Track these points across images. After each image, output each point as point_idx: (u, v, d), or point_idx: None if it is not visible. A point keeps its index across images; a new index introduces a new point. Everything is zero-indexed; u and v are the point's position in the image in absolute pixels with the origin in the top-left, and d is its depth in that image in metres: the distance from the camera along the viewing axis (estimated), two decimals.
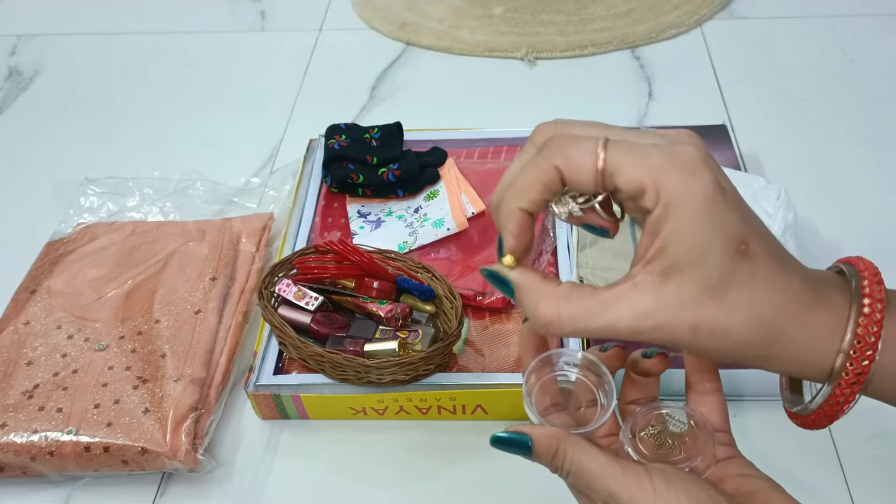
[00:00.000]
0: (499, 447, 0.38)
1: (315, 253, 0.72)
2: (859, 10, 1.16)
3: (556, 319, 0.34)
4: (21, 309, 0.75)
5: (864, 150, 0.92)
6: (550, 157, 0.33)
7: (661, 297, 0.32)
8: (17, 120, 1.09)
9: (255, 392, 0.67)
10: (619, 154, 0.32)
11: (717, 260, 0.32)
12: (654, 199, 0.32)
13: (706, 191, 0.31)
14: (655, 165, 0.32)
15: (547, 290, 0.35)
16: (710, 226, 0.31)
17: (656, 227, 0.32)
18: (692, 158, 0.32)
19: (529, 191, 0.34)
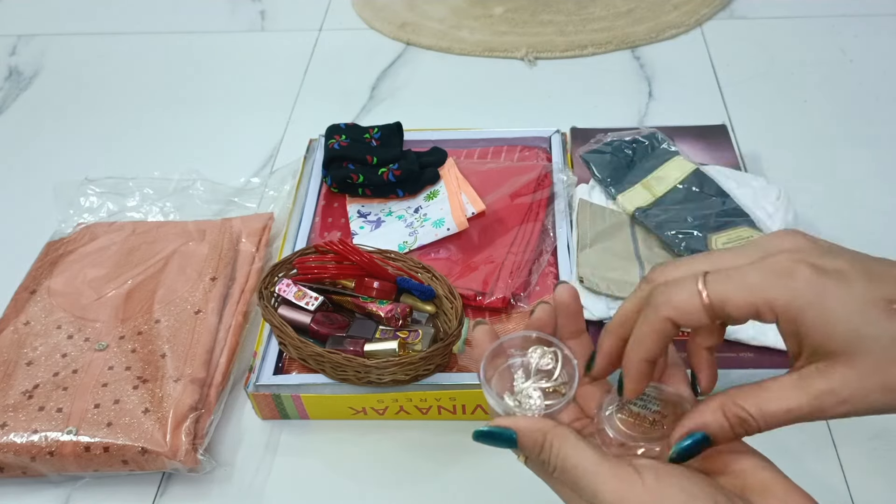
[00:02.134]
0: (483, 441, 0.38)
1: (315, 253, 0.72)
2: (859, 10, 1.16)
3: (747, 416, 0.35)
4: (21, 309, 0.75)
5: (864, 150, 0.92)
6: (659, 309, 0.36)
7: (834, 379, 0.33)
8: (17, 120, 1.09)
9: (255, 392, 0.67)
10: (719, 286, 0.34)
11: (873, 333, 0.32)
12: (773, 315, 0.33)
13: (815, 284, 0.33)
14: (756, 285, 0.33)
15: (720, 395, 0.36)
16: (840, 312, 0.32)
17: (790, 334, 0.34)
18: (784, 263, 0.33)
19: (648, 343, 0.36)
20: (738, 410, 0.35)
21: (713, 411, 0.36)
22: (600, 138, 0.86)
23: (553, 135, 0.89)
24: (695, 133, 0.89)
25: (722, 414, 0.35)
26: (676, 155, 0.82)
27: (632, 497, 0.34)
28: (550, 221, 0.79)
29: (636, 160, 0.83)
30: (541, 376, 0.41)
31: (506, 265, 0.75)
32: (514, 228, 0.79)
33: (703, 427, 0.36)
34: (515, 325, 0.72)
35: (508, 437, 0.38)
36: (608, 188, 0.80)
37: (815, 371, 0.33)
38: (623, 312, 0.38)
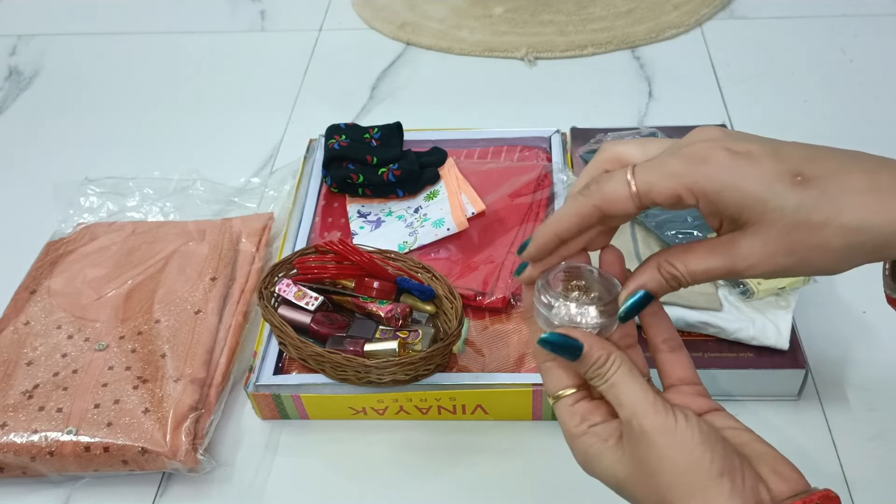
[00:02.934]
0: (547, 347, 0.41)
1: (315, 253, 0.72)
2: (859, 10, 1.16)
3: (680, 275, 0.39)
4: (21, 309, 0.75)
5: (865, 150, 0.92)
6: (590, 197, 0.39)
7: (746, 244, 0.37)
8: (17, 120, 1.09)
9: (255, 392, 0.67)
10: (645, 176, 0.37)
11: (778, 202, 0.35)
12: (693, 198, 0.37)
13: (728, 164, 0.36)
14: (677, 173, 0.37)
15: (654, 261, 0.40)
16: (749, 186, 0.35)
17: (709, 210, 0.37)
18: (701, 151, 0.37)
19: (566, 221, 0.40)
20: (670, 268, 0.39)
21: (650, 270, 0.40)
22: (600, 138, 0.86)
23: (553, 135, 0.89)
24: None
25: (657, 272, 0.40)
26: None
27: (664, 428, 0.38)
28: None
29: None
30: (592, 297, 0.42)
31: (506, 265, 0.75)
32: (514, 228, 0.79)
33: (643, 286, 0.40)
34: (515, 324, 0.72)
35: (575, 347, 0.40)
36: None
37: (730, 238, 0.37)
38: (562, 211, 0.40)
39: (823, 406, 0.67)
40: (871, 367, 0.70)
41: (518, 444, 0.66)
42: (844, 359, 0.70)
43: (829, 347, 0.71)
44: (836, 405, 0.67)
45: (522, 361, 0.69)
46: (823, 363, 0.70)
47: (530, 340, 0.42)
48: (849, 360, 0.70)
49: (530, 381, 0.65)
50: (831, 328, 0.73)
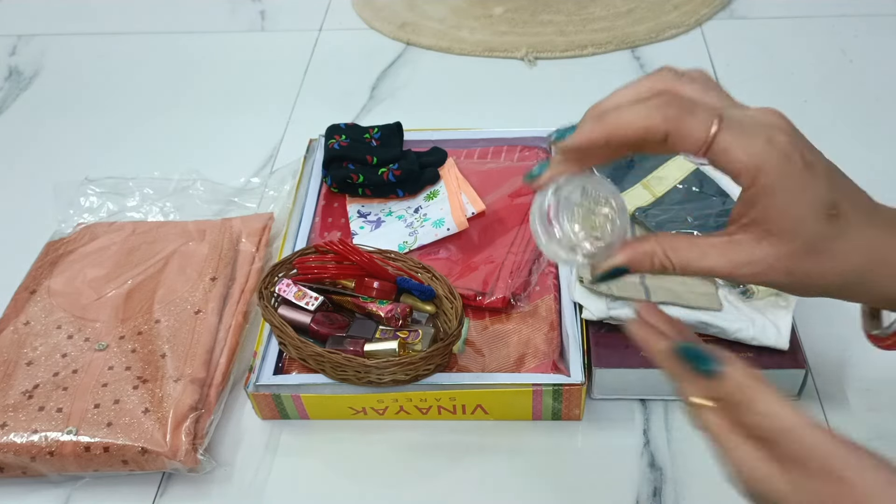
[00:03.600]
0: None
1: (315, 253, 0.72)
2: (859, 10, 1.16)
3: (668, 265, 0.39)
4: (21, 309, 0.75)
5: (865, 151, 0.92)
6: (667, 112, 0.37)
7: (756, 251, 0.38)
8: (17, 120, 1.09)
9: (255, 392, 0.67)
10: (728, 136, 0.36)
11: (808, 226, 0.37)
12: (752, 180, 0.36)
13: (797, 172, 0.37)
14: (757, 153, 0.36)
15: (651, 247, 0.40)
16: (800, 201, 0.37)
17: (753, 200, 0.37)
18: (786, 146, 0.37)
19: (630, 128, 0.37)
20: (664, 260, 0.39)
21: (643, 254, 0.40)
22: None
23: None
24: None
25: (650, 259, 0.40)
26: (676, 155, 0.82)
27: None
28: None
29: (636, 160, 0.83)
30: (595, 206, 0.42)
31: (506, 265, 0.75)
32: (514, 228, 0.79)
33: (628, 263, 0.40)
34: (515, 324, 0.72)
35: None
36: None
37: (745, 240, 0.38)
38: (628, 115, 0.38)
39: (823, 406, 0.67)
40: (871, 367, 0.70)
41: (518, 444, 0.66)
42: (844, 359, 0.70)
43: (829, 347, 0.71)
44: (836, 405, 0.67)
45: (522, 361, 0.69)
46: (823, 363, 0.70)
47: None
48: (849, 360, 0.70)
49: (530, 381, 0.65)
50: (831, 328, 0.73)
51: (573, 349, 0.67)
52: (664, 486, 0.63)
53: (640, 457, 0.65)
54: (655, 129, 0.37)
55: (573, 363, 0.66)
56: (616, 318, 0.69)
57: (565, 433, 0.67)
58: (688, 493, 0.62)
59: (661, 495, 0.62)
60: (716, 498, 0.62)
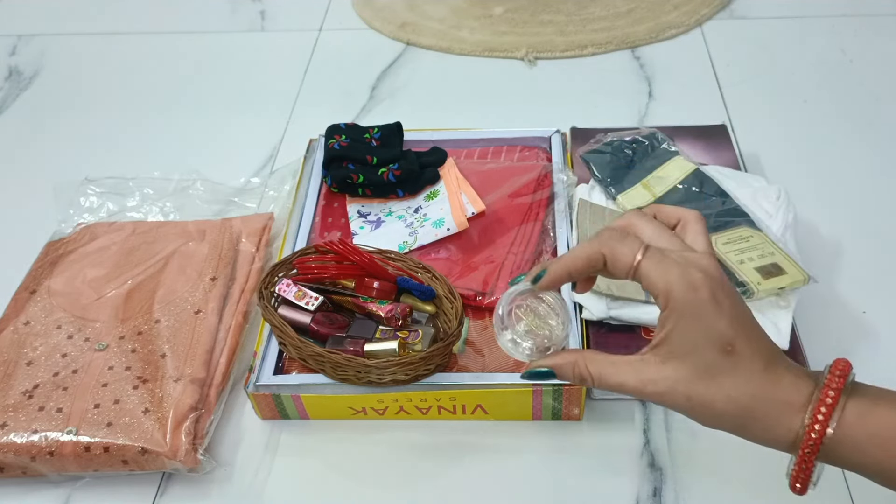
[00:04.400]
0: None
1: (315, 253, 0.72)
2: (859, 10, 1.16)
3: (587, 375, 0.47)
4: (21, 309, 0.75)
5: (865, 150, 0.92)
6: (602, 244, 0.46)
7: (661, 371, 0.44)
8: (17, 120, 1.09)
9: (255, 392, 0.67)
10: (649, 264, 0.44)
11: (704, 355, 0.43)
12: (665, 304, 0.43)
13: (701, 303, 0.43)
14: (672, 281, 0.43)
15: (574, 357, 0.48)
16: (704, 329, 0.43)
17: (664, 323, 0.44)
18: (699, 281, 0.43)
19: (579, 261, 0.47)
20: (584, 371, 0.47)
21: (567, 362, 0.48)
22: (600, 138, 0.86)
23: (553, 135, 0.89)
24: (695, 133, 0.89)
25: (571, 368, 0.48)
26: (676, 155, 0.82)
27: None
28: (550, 221, 0.79)
29: (636, 160, 0.83)
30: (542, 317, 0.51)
31: (506, 265, 0.75)
32: (514, 228, 0.79)
33: (553, 367, 0.49)
34: None
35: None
36: (608, 188, 0.80)
37: (653, 361, 0.45)
38: (576, 251, 0.47)
39: None
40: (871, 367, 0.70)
41: (518, 444, 0.66)
42: None
43: (829, 347, 0.71)
44: None
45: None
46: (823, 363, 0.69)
47: None
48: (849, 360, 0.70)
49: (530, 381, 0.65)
50: (831, 328, 0.73)
51: None
52: (664, 486, 0.63)
53: (640, 457, 0.65)
54: (596, 257, 0.46)
55: None
56: (616, 318, 0.69)
57: (565, 433, 0.67)
58: (688, 493, 0.62)
59: (661, 495, 0.62)
60: (716, 498, 0.62)
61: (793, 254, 0.70)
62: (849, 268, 0.78)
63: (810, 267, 0.70)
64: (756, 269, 0.68)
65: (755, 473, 0.61)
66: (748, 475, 0.62)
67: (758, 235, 0.72)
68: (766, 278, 0.67)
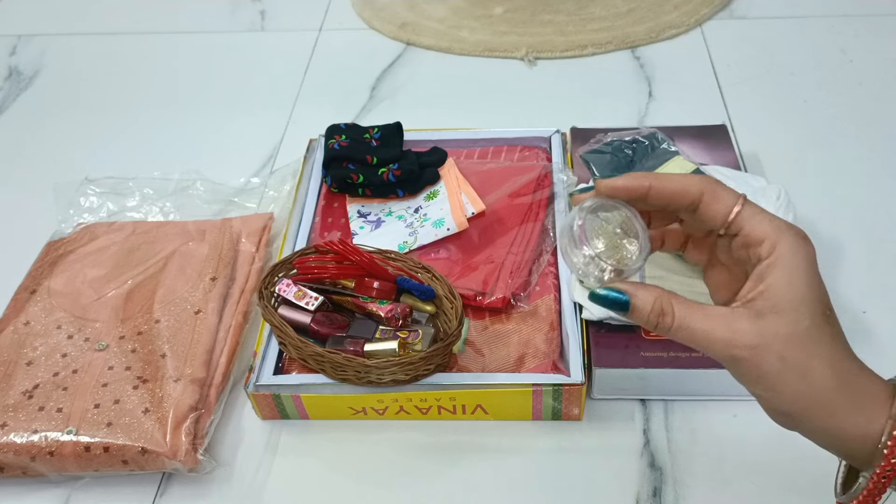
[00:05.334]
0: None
1: (315, 253, 0.72)
2: (859, 10, 1.16)
3: (669, 312, 0.41)
4: (21, 309, 0.75)
5: (865, 150, 0.92)
6: (704, 181, 0.42)
7: (758, 325, 0.40)
8: (17, 120, 1.09)
9: (255, 392, 0.67)
10: (755, 209, 0.41)
11: (809, 312, 0.39)
12: (769, 250, 0.40)
13: (811, 258, 0.40)
14: (778, 226, 0.41)
15: (658, 291, 0.42)
16: (809, 285, 0.40)
17: (763, 274, 0.40)
18: (804, 234, 0.41)
19: (669, 185, 0.42)
20: (666, 307, 0.41)
21: (648, 293, 0.42)
22: (600, 138, 0.86)
23: (553, 135, 0.89)
24: (695, 133, 0.89)
25: (652, 300, 0.42)
26: (676, 155, 0.82)
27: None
28: (550, 221, 0.79)
29: (636, 160, 0.83)
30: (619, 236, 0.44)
31: (506, 265, 0.75)
32: (514, 228, 0.79)
33: (632, 295, 0.42)
34: (515, 324, 0.72)
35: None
36: None
37: (748, 314, 0.40)
38: (673, 176, 0.43)
39: None
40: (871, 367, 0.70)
41: (518, 444, 0.66)
42: None
43: None
44: None
45: (522, 361, 0.69)
46: None
47: None
48: None
49: (530, 381, 0.65)
50: None
51: (573, 349, 0.67)
52: (664, 486, 0.63)
53: (640, 457, 0.65)
54: (694, 189, 0.42)
55: (573, 363, 0.66)
56: (616, 318, 0.69)
57: (565, 433, 0.67)
58: (688, 493, 0.62)
59: (661, 495, 0.62)
60: (716, 498, 0.62)
61: None
62: (849, 268, 0.78)
63: None
64: None
65: (755, 473, 0.61)
66: (748, 475, 0.62)
67: None
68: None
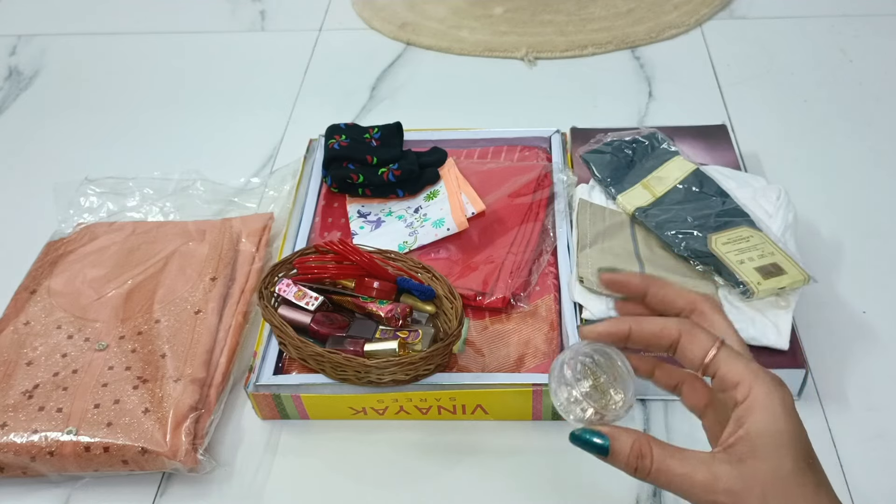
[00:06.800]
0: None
1: (315, 253, 0.72)
2: (859, 10, 1.16)
3: (648, 455, 0.42)
4: (21, 309, 0.75)
5: (864, 150, 0.92)
6: (682, 324, 0.43)
7: (739, 469, 0.40)
8: (17, 120, 1.09)
9: (255, 392, 0.67)
10: (727, 353, 0.42)
11: (791, 456, 0.40)
12: (745, 393, 0.41)
13: (788, 402, 0.41)
14: (753, 370, 0.41)
15: (636, 434, 0.43)
16: (788, 429, 0.40)
17: (742, 418, 0.41)
18: (779, 379, 0.42)
19: (649, 323, 0.44)
20: (645, 450, 0.42)
21: (627, 436, 0.42)
22: (600, 138, 0.86)
23: (553, 135, 0.89)
24: (695, 133, 0.89)
25: (630, 444, 0.42)
26: (676, 155, 0.82)
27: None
28: (550, 221, 0.79)
29: (636, 160, 0.83)
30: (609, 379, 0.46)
31: (506, 265, 0.75)
32: (514, 228, 0.79)
33: (613, 438, 0.43)
34: (515, 324, 0.72)
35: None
36: (608, 188, 0.80)
37: (728, 459, 0.41)
38: (655, 321, 0.45)
39: (823, 406, 0.67)
40: (871, 367, 0.70)
41: (518, 444, 0.66)
42: (844, 359, 0.70)
43: (829, 347, 0.71)
44: (836, 405, 0.67)
45: (522, 361, 0.69)
46: (823, 363, 0.70)
47: None
48: (849, 360, 0.70)
49: (530, 381, 0.65)
50: (831, 328, 0.73)
51: None
52: None
53: None
54: (671, 332, 0.43)
55: None
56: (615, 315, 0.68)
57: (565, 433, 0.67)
58: None
59: (661, 495, 0.62)
60: None
61: (793, 254, 0.70)
62: (849, 268, 0.78)
63: (810, 267, 0.70)
64: (756, 269, 0.68)
65: None
66: None
67: (758, 235, 0.72)
68: (766, 278, 0.67)
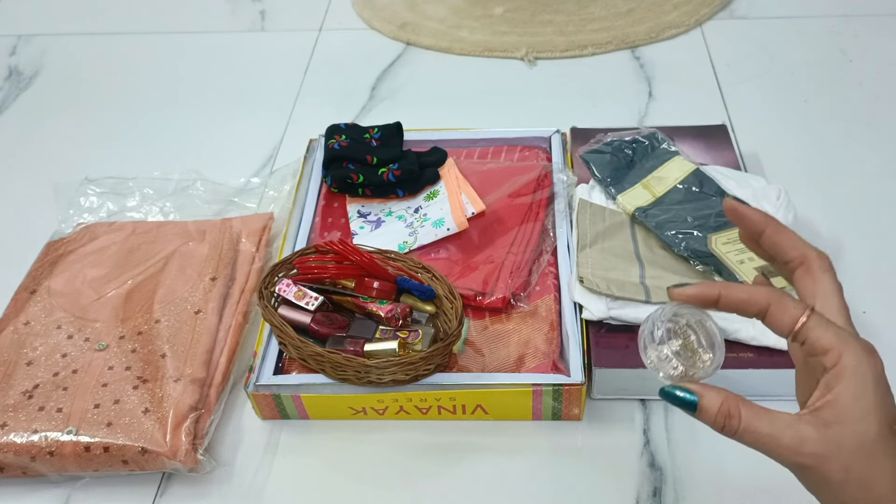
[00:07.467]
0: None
1: (315, 253, 0.72)
2: (859, 10, 1.16)
3: (736, 415, 0.42)
4: (21, 309, 0.75)
5: (865, 150, 0.92)
6: (771, 293, 0.43)
7: (823, 434, 0.40)
8: (17, 120, 1.09)
9: (255, 392, 0.67)
10: (821, 320, 0.42)
11: (876, 424, 0.39)
12: (835, 360, 0.40)
13: (878, 370, 0.40)
14: (844, 338, 0.41)
15: (725, 394, 0.43)
16: (876, 398, 0.40)
17: (830, 384, 0.40)
18: (872, 348, 0.41)
19: (738, 291, 0.43)
20: (733, 409, 0.42)
21: (717, 395, 0.42)
22: (600, 138, 0.86)
23: (553, 135, 0.89)
24: (695, 133, 0.89)
25: (719, 402, 0.42)
26: (676, 155, 0.82)
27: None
28: (550, 221, 0.79)
29: (636, 160, 0.83)
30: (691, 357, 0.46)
31: (506, 265, 0.75)
32: (514, 228, 0.79)
33: (701, 395, 0.43)
34: (515, 324, 0.72)
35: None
36: (608, 188, 0.80)
37: (814, 422, 0.40)
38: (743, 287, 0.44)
39: None
40: None
41: (518, 444, 0.66)
42: None
43: None
44: None
45: (522, 361, 0.69)
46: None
47: None
48: None
49: (530, 381, 0.65)
50: None
51: (573, 349, 0.67)
52: (664, 486, 0.63)
53: (640, 457, 0.65)
54: (759, 298, 0.43)
55: (573, 363, 0.66)
56: (616, 318, 0.69)
57: (565, 433, 0.67)
58: (688, 493, 0.62)
59: (661, 495, 0.62)
60: (716, 498, 0.62)
61: None
62: (849, 268, 0.78)
63: None
64: (756, 269, 0.68)
65: (754, 474, 0.61)
66: (748, 475, 0.62)
67: None
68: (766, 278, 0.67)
